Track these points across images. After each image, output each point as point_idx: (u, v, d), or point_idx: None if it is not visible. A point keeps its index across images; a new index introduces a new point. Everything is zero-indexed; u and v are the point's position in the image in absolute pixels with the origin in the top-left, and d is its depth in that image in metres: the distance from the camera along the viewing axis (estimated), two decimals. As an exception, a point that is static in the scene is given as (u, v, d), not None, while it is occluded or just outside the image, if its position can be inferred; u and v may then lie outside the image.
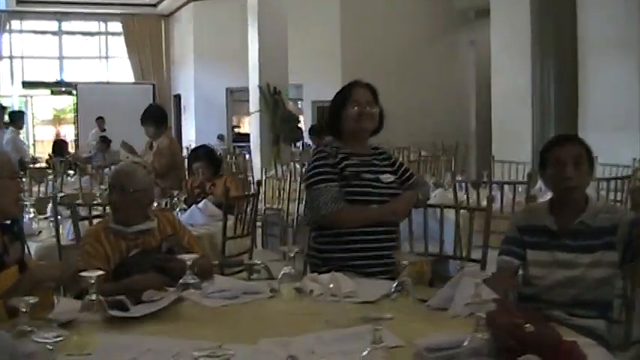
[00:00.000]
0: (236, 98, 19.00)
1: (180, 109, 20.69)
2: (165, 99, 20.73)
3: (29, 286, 2.64)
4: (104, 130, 15.43)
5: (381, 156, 3.84)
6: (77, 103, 19.50)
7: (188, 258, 3.00)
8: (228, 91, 18.76)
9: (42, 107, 22.84)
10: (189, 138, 18.99)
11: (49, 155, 13.11)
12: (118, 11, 21.00)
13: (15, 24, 20.98)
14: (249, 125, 15.50)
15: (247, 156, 14.17)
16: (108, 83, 20.92)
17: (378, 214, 3.57)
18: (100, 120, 15.79)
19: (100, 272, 2.70)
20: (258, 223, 6.52)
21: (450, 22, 16.90)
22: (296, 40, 13.76)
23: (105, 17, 21.62)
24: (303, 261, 3.93)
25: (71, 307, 2.69)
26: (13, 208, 2.96)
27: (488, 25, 16.07)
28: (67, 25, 21.71)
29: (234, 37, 17.73)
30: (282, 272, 2.93)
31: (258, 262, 4.02)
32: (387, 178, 3.68)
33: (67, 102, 22.89)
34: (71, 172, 10.28)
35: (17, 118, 12.95)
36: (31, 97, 21.50)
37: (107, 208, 4.71)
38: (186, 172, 7.25)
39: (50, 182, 8.28)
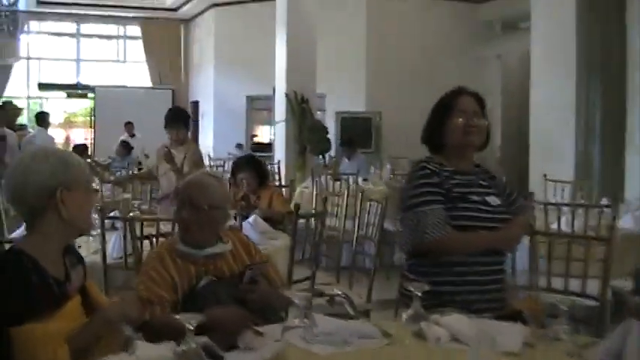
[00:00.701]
0: (256, 106, 18.55)
1: (197, 115, 20.23)
2: (183, 105, 20.26)
3: (100, 330, 2.26)
4: (133, 135, 14.97)
5: (486, 175, 3.37)
6: (95, 107, 19.00)
7: (291, 295, 2.49)
8: (249, 99, 18.30)
9: (55, 110, 22.39)
10: (207, 145, 18.53)
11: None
12: (137, 15, 20.63)
13: (33, 25, 20.61)
14: (273, 134, 15.09)
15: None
16: (126, 87, 20.50)
17: (490, 240, 3.11)
18: (129, 125, 15.30)
19: (195, 320, 2.12)
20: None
21: (476, 35, 16.56)
22: (319, 49, 13.35)
23: (124, 21, 21.26)
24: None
25: (155, 353, 2.16)
26: (87, 224, 2.51)
27: (515, 39, 15.85)
28: (85, 28, 21.34)
29: (255, 44, 17.41)
30: (403, 316, 2.43)
31: (339, 292, 3.52)
32: (494, 200, 3.21)
33: (80, 105, 22.53)
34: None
35: (45, 118, 12.69)
36: (46, 99, 21.10)
37: (161, 224, 4.26)
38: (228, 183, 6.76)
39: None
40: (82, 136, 22.15)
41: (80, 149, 11.95)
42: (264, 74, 17.35)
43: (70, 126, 22.74)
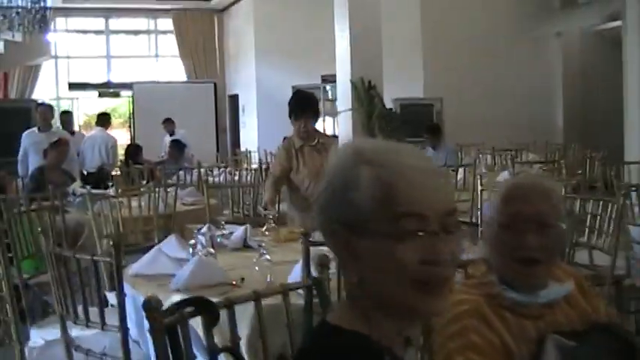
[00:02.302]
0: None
1: (237, 110, 19.19)
2: (221, 98, 19.31)
3: None
4: (172, 133, 13.85)
5: None
6: (133, 104, 17.90)
7: None
8: (294, 90, 17.14)
9: (87, 110, 21.43)
10: (250, 140, 17.52)
11: (120, 162, 11.62)
12: (169, 7, 19.57)
13: (60, 22, 19.59)
14: (336, 125, 14.08)
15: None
16: (165, 83, 19.45)
17: None
18: (168, 122, 14.15)
19: None
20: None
21: (534, 12, 15.51)
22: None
23: (155, 13, 20.22)
24: None
25: None
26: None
27: (576, 16, 14.84)
28: (114, 23, 20.31)
29: (299, 30, 16.46)
30: None
31: None
32: None
33: (110, 104, 21.58)
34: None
35: (107, 119, 11.85)
36: (77, 99, 20.08)
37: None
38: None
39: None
40: (119, 136, 21.26)
41: (134, 150, 10.90)
42: (311, 62, 16.47)
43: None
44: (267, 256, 3.60)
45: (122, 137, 21.08)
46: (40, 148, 8.60)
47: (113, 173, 10.42)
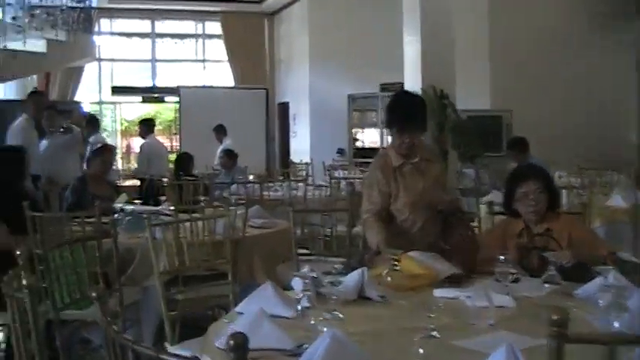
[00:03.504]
0: (358, 106, 16.40)
1: (286, 118, 18.17)
2: (271, 106, 18.33)
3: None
4: (221, 141, 12.80)
5: None
6: (180, 110, 16.89)
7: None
8: (350, 99, 16.12)
9: (130, 116, 20.55)
10: (302, 150, 16.48)
11: (169, 173, 10.63)
12: (217, 9, 18.65)
13: (104, 24, 18.76)
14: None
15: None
16: (213, 88, 18.48)
17: None
18: (219, 129, 13.08)
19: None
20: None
21: (608, 19, 14.26)
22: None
23: (202, 16, 19.33)
24: None
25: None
26: None
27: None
28: (160, 26, 19.42)
29: (356, 36, 15.44)
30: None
31: None
32: None
33: (153, 110, 20.72)
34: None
35: (151, 124, 11.06)
36: (120, 104, 19.22)
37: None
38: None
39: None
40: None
41: (185, 160, 9.85)
42: (369, 70, 15.48)
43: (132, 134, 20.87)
44: (435, 332, 2.52)
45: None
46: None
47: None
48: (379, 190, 4.47)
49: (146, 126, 11.24)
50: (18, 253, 3.17)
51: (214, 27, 19.35)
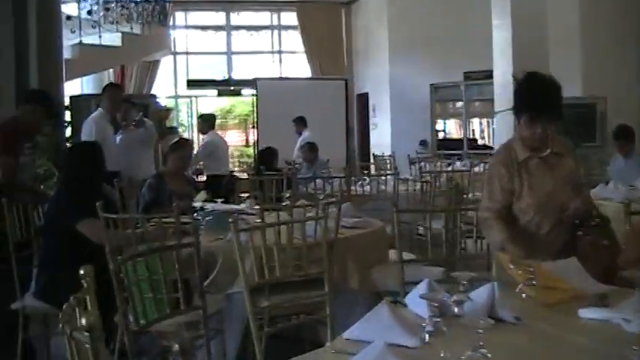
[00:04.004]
0: (441, 96, 15.76)
1: (366, 109, 17.61)
2: (350, 97, 17.80)
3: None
4: (300, 134, 12.34)
5: None
6: (257, 103, 16.44)
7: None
8: (432, 88, 15.48)
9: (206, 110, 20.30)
10: (382, 142, 15.91)
11: (252, 168, 10.22)
12: (293, -1, 18.26)
13: (179, 17, 18.50)
14: (485, 129, 12.40)
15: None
16: (292, 79, 18.05)
17: None
18: (299, 122, 12.61)
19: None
20: None
21: None
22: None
23: (278, 7, 18.92)
24: None
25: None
26: None
27: None
28: (235, 18, 19.07)
29: (439, 23, 14.84)
30: None
31: None
32: None
33: (228, 103, 20.49)
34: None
35: (212, 119, 10.70)
36: (196, 97, 18.95)
37: None
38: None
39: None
40: (235, 138, 20.16)
41: (269, 154, 9.38)
42: (452, 58, 14.85)
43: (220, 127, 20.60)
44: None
45: (235, 139, 19.99)
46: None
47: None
48: (501, 187, 3.93)
49: (207, 121, 10.82)
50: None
51: (290, 18, 18.94)
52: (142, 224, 4.44)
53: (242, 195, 5.97)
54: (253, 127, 17.28)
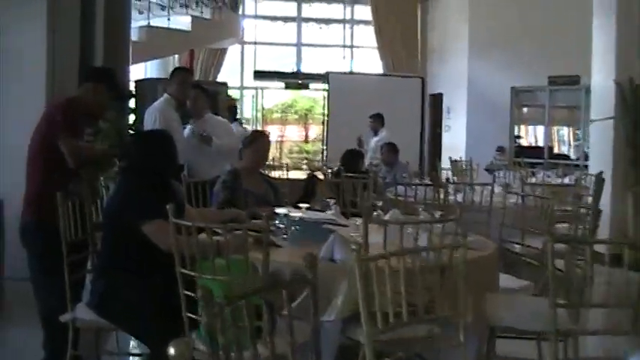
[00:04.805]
0: (522, 101, 14.85)
1: (439, 111, 16.76)
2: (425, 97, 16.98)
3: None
4: (376, 132, 11.56)
5: None
6: (328, 97, 15.64)
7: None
8: (513, 92, 14.56)
9: (270, 103, 19.70)
10: (455, 146, 15.06)
11: (330, 170, 9.46)
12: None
13: (249, 7, 17.87)
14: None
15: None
16: (365, 75, 17.27)
17: None
18: (376, 119, 11.80)
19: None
20: None
21: None
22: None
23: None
24: None
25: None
26: None
27: None
28: (307, 10, 18.39)
29: (523, 23, 13.94)
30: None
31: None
32: None
33: (288, 97, 19.83)
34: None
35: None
36: (262, 89, 18.29)
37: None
38: None
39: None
40: (294, 134, 19.51)
41: (354, 156, 8.54)
42: (536, 60, 13.98)
43: (280, 121, 19.97)
44: None
45: (294, 134, 19.34)
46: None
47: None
48: None
49: (231, 113, 10.18)
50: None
51: (363, 11, 18.18)
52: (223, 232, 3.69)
53: (329, 200, 5.19)
54: (322, 122, 16.51)
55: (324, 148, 15.99)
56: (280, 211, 4.42)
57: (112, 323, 3.98)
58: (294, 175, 11.46)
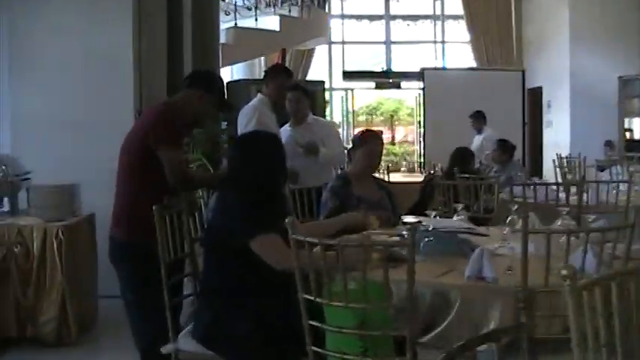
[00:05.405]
0: (631, 92, 13.93)
1: (538, 105, 15.90)
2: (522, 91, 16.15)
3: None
4: (480, 131, 10.90)
5: None
6: (424, 96, 14.92)
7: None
8: (621, 82, 13.64)
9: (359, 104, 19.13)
10: (558, 142, 14.21)
11: (441, 170, 8.83)
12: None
13: (335, 7, 17.36)
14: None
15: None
16: (460, 70, 16.56)
17: None
18: (478, 117, 11.12)
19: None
20: None
21: None
22: None
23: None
24: None
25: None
26: None
27: None
28: (395, 7, 17.80)
29: (628, 9, 13.00)
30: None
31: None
32: None
33: (369, 99, 19.20)
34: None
35: None
36: (352, 90, 17.72)
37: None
38: None
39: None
40: (383, 136, 18.87)
41: (465, 156, 7.90)
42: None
43: (366, 124, 19.35)
44: None
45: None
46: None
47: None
48: None
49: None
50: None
51: (453, 6, 17.49)
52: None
53: (456, 205, 4.57)
54: (413, 123, 15.86)
55: (421, 148, 15.29)
56: (408, 219, 3.82)
57: (220, 356, 3.44)
58: (394, 177, 10.89)
